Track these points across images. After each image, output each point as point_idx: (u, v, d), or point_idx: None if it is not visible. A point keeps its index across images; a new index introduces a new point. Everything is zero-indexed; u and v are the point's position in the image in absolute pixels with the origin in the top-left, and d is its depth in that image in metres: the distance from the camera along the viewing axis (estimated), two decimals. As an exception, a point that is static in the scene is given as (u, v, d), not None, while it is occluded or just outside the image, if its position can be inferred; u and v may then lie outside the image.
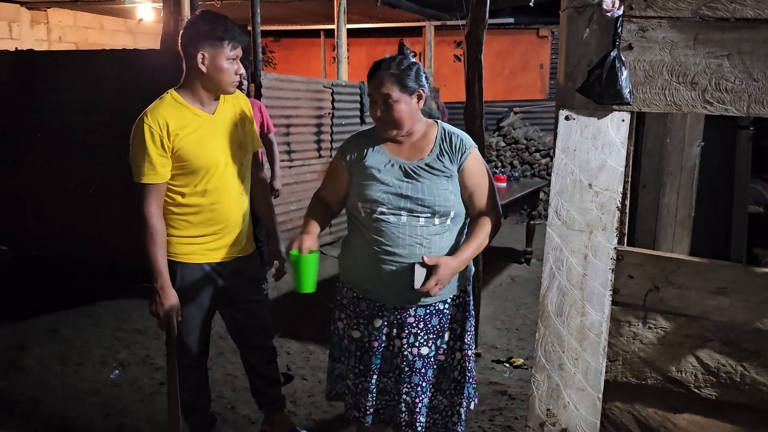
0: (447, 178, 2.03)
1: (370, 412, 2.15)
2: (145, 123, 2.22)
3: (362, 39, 10.55)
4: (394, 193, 2.00)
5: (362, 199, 2.03)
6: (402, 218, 2.00)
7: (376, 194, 2.01)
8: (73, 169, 5.30)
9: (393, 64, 1.98)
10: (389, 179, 2.02)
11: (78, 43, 8.71)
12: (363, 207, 2.04)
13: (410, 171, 2.02)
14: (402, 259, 2.01)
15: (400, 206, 2.00)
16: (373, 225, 2.03)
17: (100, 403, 3.15)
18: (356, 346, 2.14)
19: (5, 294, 4.76)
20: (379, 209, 2.00)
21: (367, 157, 2.07)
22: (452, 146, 2.05)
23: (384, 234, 2.01)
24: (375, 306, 2.09)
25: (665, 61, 1.62)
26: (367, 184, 2.03)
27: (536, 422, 1.75)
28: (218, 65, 2.19)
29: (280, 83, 5.50)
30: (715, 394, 1.73)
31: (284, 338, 3.98)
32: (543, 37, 10.34)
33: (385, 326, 2.09)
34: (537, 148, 8.87)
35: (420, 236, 2.01)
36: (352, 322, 2.14)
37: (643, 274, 1.73)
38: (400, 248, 2.01)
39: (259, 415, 3.06)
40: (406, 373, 2.09)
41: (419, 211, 2.00)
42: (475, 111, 3.48)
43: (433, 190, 2.01)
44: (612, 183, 1.68)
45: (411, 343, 2.08)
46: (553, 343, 1.72)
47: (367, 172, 2.04)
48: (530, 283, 5.24)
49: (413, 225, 2.00)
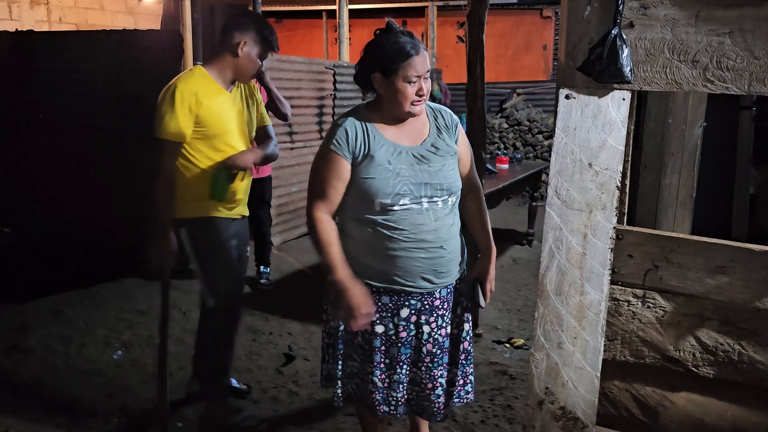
0: (452, 156, 2.04)
1: (402, 402, 2.12)
2: (177, 88, 2.48)
3: (364, 20, 10.47)
4: (414, 182, 1.96)
5: (379, 194, 1.94)
6: (424, 205, 1.97)
7: (396, 187, 1.94)
8: (75, 150, 5.30)
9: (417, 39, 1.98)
10: (403, 169, 1.96)
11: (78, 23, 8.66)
12: (381, 203, 1.94)
13: (419, 156, 1.99)
14: (430, 244, 1.99)
15: (422, 194, 1.96)
16: (392, 217, 1.96)
17: (103, 384, 3.18)
18: (381, 341, 2.06)
19: (8, 275, 4.79)
20: (401, 201, 1.95)
21: (371, 148, 1.96)
22: (446, 122, 2.07)
23: (407, 223, 1.96)
24: (400, 297, 2.03)
25: (666, 39, 1.61)
26: (382, 179, 1.94)
27: (535, 400, 1.76)
28: (252, 57, 2.56)
29: (282, 64, 5.47)
30: (713, 373, 1.74)
31: (286, 319, 4.01)
32: (546, 17, 10.26)
33: (413, 314, 2.05)
34: (540, 130, 8.84)
35: (441, 219, 2.00)
36: (374, 317, 2.05)
37: (643, 253, 1.73)
38: (425, 234, 1.98)
39: (261, 395, 3.09)
40: (439, 357, 2.09)
41: (438, 195, 1.99)
42: (477, 92, 3.46)
43: (446, 172, 2.00)
44: (612, 162, 1.67)
45: (440, 325, 2.08)
46: (552, 322, 1.73)
47: (378, 165, 1.95)
48: (532, 264, 5.25)
49: (435, 209, 1.99)
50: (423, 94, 1.94)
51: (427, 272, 2.00)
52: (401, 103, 1.94)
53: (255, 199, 4.47)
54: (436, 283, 2.03)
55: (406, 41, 1.92)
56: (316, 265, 5.04)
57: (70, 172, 5.37)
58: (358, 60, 2.04)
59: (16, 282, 4.60)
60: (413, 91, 1.93)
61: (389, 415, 2.16)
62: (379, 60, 1.94)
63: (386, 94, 1.96)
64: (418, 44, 1.94)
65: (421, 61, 1.92)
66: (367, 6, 9.89)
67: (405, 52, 1.91)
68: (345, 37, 7.68)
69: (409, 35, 1.96)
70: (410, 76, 1.91)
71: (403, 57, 1.90)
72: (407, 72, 1.90)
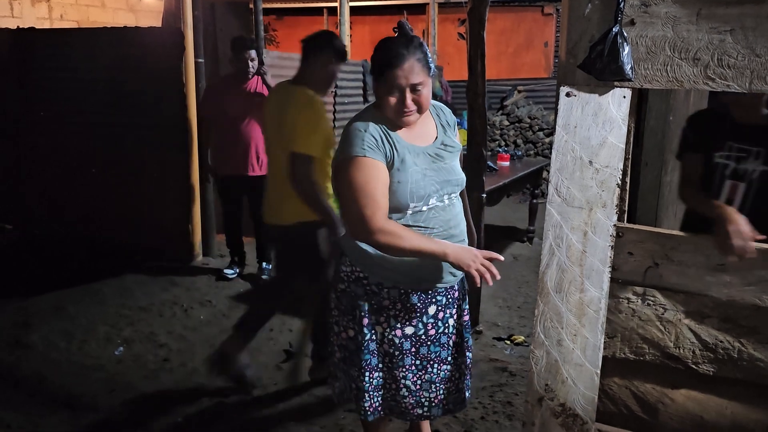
0: (458, 152, 2.06)
1: (435, 403, 2.10)
2: (320, 102, 2.71)
3: (365, 17, 10.46)
4: (437, 180, 1.94)
5: (414, 197, 1.89)
6: (446, 201, 1.99)
7: (427, 188, 1.91)
8: (76, 147, 5.32)
9: (415, 47, 1.85)
10: (427, 168, 1.94)
11: (79, 21, 8.65)
12: (414, 205, 1.91)
13: (435, 155, 1.98)
14: (456, 238, 1.99)
15: (444, 192, 1.97)
16: (423, 217, 1.94)
17: (104, 380, 3.19)
18: (411, 342, 2.02)
19: (10, 272, 4.80)
20: (430, 201, 1.93)
21: (398, 151, 1.89)
22: (448, 120, 2.08)
23: (437, 221, 1.96)
24: (428, 295, 2.01)
25: (668, 36, 1.61)
26: (413, 181, 1.89)
27: (535, 397, 1.77)
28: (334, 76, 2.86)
29: (283, 61, 5.47)
30: (713, 370, 1.74)
31: (286, 316, 4.01)
32: (548, 14, 10.25)
33: (440, 310, 2.05)
34: (540, 127, 8.83)
35: (458, 212, 2.04)
36: (402, 320, 2.00)
37: (643, 251, 1.74)
38: (453, 228, 2.00)
39: (261, 391, 3.10)
40: (467, 345, 2.15)
41: (455, 190, 2.02)
42: (478, 89, 3.46)
43: (456, 168, 2.03)
44: (612, 160, 1.67)
45: (461, 314, 2.12)
46: (552, 319, 1.73)
47: (407, 167, 1.89)
48: (532, 261, 5.25)
49: (453, 204, 2.02)
50: (407, 108, 1.85)
51: (453, 265, 1.91)
52: (386, 112, 1.89)
53: (257, 195, 4.47)
54: (457, 275, 2.04)
55: (396, 48, 1.83)
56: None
57: (71, 170, 5.39)
58: None
59: (17, 278, 4.62)
60: (393, 103, 1.85)
61: (423, 419, 2.15)
62: (372, 63, 1.90)
63: (378, 99, 1.92)
64: (409, 53, 1.82)
65: (402, 73, 1.81)
66: (368, 3, 9.88)
67: (387, 61, 1.82)
68: (346, 34, 7.67)
69: (406, 41, 1.85)
70: (391, 88, 1.84)
71: (386, 66, 1.83)
72: (388, 82, 1.83)
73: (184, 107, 4.71)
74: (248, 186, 4.44)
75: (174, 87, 4.70)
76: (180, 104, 4.71)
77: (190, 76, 4.71)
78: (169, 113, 4.79)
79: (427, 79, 1.87)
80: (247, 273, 4.74)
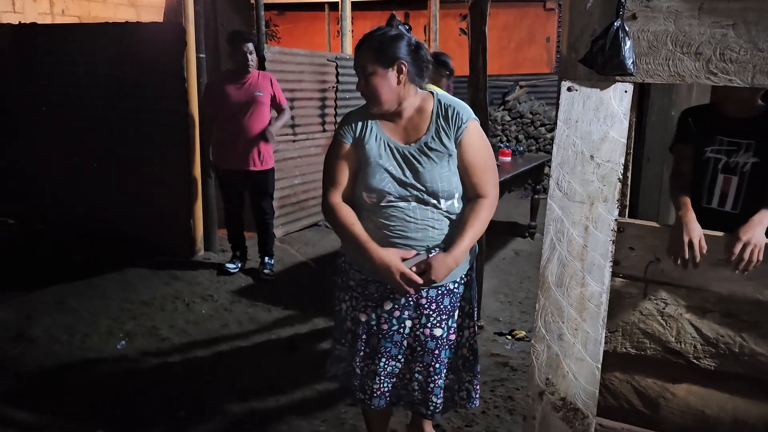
0: (448, 157, 1.93)
1: (377, 394, 2.09)
2: None
3: (366, 12, 10.44)
4: (399, 181, 1.93)
5: (367, 188, 1.95)
6: (411, 203, 1.93)
7: (380, 184, 1.92)
8: (78, 142, 5.32)
9: (374, 36, 1.93)
10: (391, 166, 1.94)
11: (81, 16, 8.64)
12: (369, 197, 1.95)
13: (408, 156, 1.93)
14: (416, 242, 1.95)
15: (407, 194, 1.92)
16: (381, 211, 1.95)
17: (107, 374, 3.20)
18: (363, 329, 2.06)
19: (12, 265, 4.81)
20: (386, 198, 1.93)
21: (367, 140, 1.96)
22: (448, 120, 1.94)
23: (395, 219, 1.94)
24: (386, 289, 2.01)
25: (669, 31, 1.60)
26: (370, 173, 1.94)
27: (536, 391, 1.77)
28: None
29: (284, 57, 5.46)
30: (714, 365, 1.75)
31: (288, 311, 4.02)
32: (550, 9, 10.22)
33: (396, 309, 2.02)
34: (542, 122, 8.82)
35: (431, 219, 1.95)
36: (359, 304, 2.06)
37: (644, 246, 1.74)
38: (413, 232, 1.95)
39: (264, 385, 3.11)
40: (419, 353, 2.06)
41: (425, 198, 1.93)
42: (479, 84, 3.46)
43: (435, 176, 1.91)
44: (614, 155, 1.67)
45: (423, 324, 2.03)
46: (553, 313, 1.73)
47: (369, 158, 1.95)
48: (533, 257, 5.25)
49: (423, 209, 1.94)
50: (360, 90, 1.96)
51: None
52: None
53: (258, 190, 4.50)
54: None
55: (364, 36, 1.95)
56: (318, 258, 5.06)
57: (72, 165, 5.40)
58: None
59: (19, 272, 4.63)
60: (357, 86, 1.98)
61: (364, 404, 2.14)
62: None
63: None
64: (364, 39, 1.94)
65: (355, 56, 1.95)
66: (370, -2, 9.86)
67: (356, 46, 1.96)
68: (348, 30, 7.66)
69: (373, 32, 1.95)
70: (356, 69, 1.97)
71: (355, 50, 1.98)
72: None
73: (185, 102, 4.71)
74: (250, 181, 4.45)
75: (175, 82, 4.70)
76: (181, 99, 4.71)
77: (192, 72, 4.70)
78: (171, 108, 4.79)
79: (376, 68, 1.90)
80: (249, 268, 4.75)
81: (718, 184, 2.15)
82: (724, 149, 2.14)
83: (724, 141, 2.14)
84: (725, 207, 2.15)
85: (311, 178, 5.97)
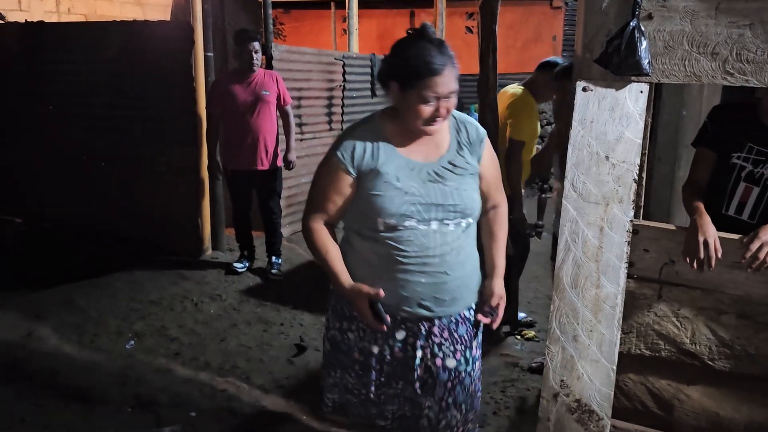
0: (471, 175, 1.82)
1: (398, 415, 1.96)
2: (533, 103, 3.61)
3: (372, 10, 10.43)
4: (423, 202, 1.75)
5: (383, 213, 1.74)
6: (432, 226, 1.76)
7: (402, 207, 1.74)
8: (85, 141, 5.33)
9: (449, 53, 1.70)
10: (413, 187, 1.75)
11: (87, 14, 8.66)
12: (385, 222, 1.75)
13: (433, 174, 1.77)
14: (433, 268, 1.78)
15: (431, 216, 1.76)
16: (396, 235, 1.76)
17: (116, 373, 3.20)
18: (376, 360, 1.90)
19: (20, 265, 4.82)
20: (406, 222, 1.75)
21: (380, 162, 1.76)
22: (470, 138, 1.83)
23: (412, 244, 1.76)
24: (396, 318, 1.84)
25: (686, 31, 1.60)
26: (387, 196, 1.74)
27: (550, 393, 1.77)
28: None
29: (292, 55, 5.46)
30: (729, 366, 1.74)
31: (297, 310, 4.02)
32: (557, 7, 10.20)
33: (410, 336, 1.87)
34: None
35: (450, 243, 1.79)
36: (368, 335, 1.89)
37: (659, 248, 1.73)
38: (430, 258, 1.78)
39: (273, 385, 3.11)
40: (429, 385, 1.88)
41: (450, 217, 1.78)
42: (489, 83, 3.45)
43: (462, 193, 1.79)
44: (629, 155, 1.66)
45: (434, 353, 1.86)
46: (568, 315, 1.73)
47: (385, 181, 1.75)
48: (541, 256, 5.23)
49: (443, 231, 1.78)
50: (440, 116, 1.70)
51: (426, 298, 1.80)
52: (413, 121, 1.73)
53: (266, 189, 4.50)
54: (434, 311, 1.82)
55: (433, 55, 1.66)
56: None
57: (80, 164, 5.40)
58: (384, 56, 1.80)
59: (28, 271, 4.63)
60: (428, 112, 1.69)
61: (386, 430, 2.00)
62: (398, 69, 1.70)
63: (400, 106, 1.74)
64: (448, 61, 1.68)
65: (443, 81, 1.66)
66: (376, -4, 9.86)
67: (428, 69, 1.64)
68: (354, 28, 7.65)
69: (440, 46, 1.69)
70: (427, 97, 1.67)
71: (425, 74, 1.65)
72: (424, 91, 1.66)
73: (193, 101, 4.71)
74: (257, 180, 4.45)
75: (183, 81, 4.70)
76: (189, 98, 4.71)
77: (200, 70, 4.70)
78: (179, 107, 4.79)
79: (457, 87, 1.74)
80: (257, 267, 4.75)
81: (738, 192, 2.08)
82: (753, 158, 2.06)
83: (754, 149, 2.06)
84: (742, 216, 2.08)
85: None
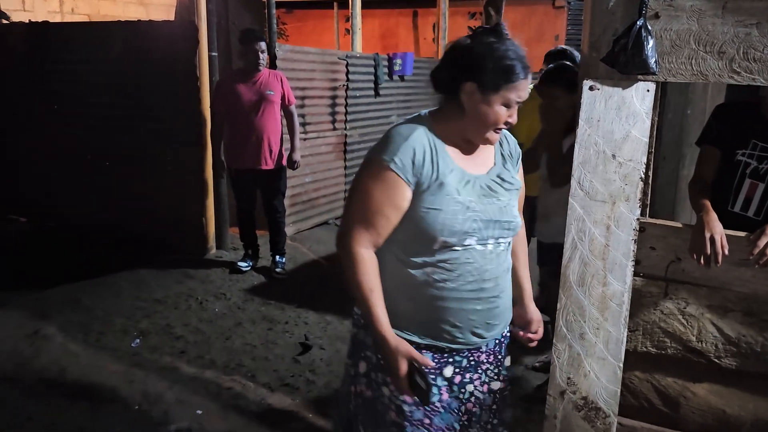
0: (516, 191, 1.69)
1: None
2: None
3: (375, 10, 10.43)
4: (483, 219, 1.58)
5: (445, 231, 1.54)
6: (489, 246, 1.61)
7: (465, 224, 1.55)
8: (89, 140, 5.35)
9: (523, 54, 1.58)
10: (473, 202, 1.58)
11: (90, 14, 8.68)
12: (445, 241, 1.56)
13: (487, 188, 1.62)
14: (488, 293, 1.62)
15: (489, 234, 1.60)
16: (452, 257, 1.58)
17: (122, 371, 3.22)
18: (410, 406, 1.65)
19: (25, 264, 4.84)
20: (466, 241, 1.57)
21: (440, 171, 1.57)
22: (510, 150, 1.72)
23: (469, 267, 1.59)
24: (443, 353, 1.65)
25: (692, 29, 1.60)
26: (450, 212, 1.55)
27: (557, 390, 1.78)
28: None
29: (295, 55, 5.47)
30: (735, 364, 1.74)
31: (301, 309, 4.03)
32: (559, 7, 10.18)
33: (457, 374, 1.68)
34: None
35: (502, 264, 1.66)
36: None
37: (666, 246, 1.74)
38: (487, 281, 1.62)
39: (278, 383, 3.12)
40: (477, 416, 1.74)
41: (504, 236, 1.64)
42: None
43: (511, 209, 1.65)
44: (636, 154, 1.67)
45: (483, 381, 1.73)
46: (575, 312, 1.74)
47: (446, 194, 1.56)
48: (545, 255, 5.24)
49: (497, 252, 1.63)
50: (511, 123, 1.59)
51: (479, 326, 1.64)
52: (484, 126, 1.57)
53: (270, 188, 4.51)
54: (485, 337, 1.67)
55: (522, 57, 1.56)
56: (329, 256, 5.06)
57: (84, 163, 5.42)
58: (443, 56, 1.64)
59: (32, 270, 4.65)
60: (504, 117, 1.56)
61: None
62: (481, 70, 1.53)
63: (472, 110, 1.56)
64: (527, 65, 1.57)
65: (524, 86, 1.56)
66: (379, -4, 9.86)
67: (516, 72, 1.53)
68: (357, 28, 7.66)
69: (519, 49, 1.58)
70: (511, 101, 1.55)
71: (513, 77, 1.53)
72: (510, 95, 1.54)
73: (197, 101, 4.72)
74: (261, 180, 4.46)
75: (187, 81, 4.71)
76: (194, 98, 4.72)
77: (204, 70, 4.71)
78: (183, 107, 4.80)
79: None
80: (261, 266, 4.77)
81: (744, 188, 2.09)
82: (757, 154, 2.07)
83: (758, 146, 2.07)
84: (748, 212, 2.10)
85: (322, 176, 5.98)
